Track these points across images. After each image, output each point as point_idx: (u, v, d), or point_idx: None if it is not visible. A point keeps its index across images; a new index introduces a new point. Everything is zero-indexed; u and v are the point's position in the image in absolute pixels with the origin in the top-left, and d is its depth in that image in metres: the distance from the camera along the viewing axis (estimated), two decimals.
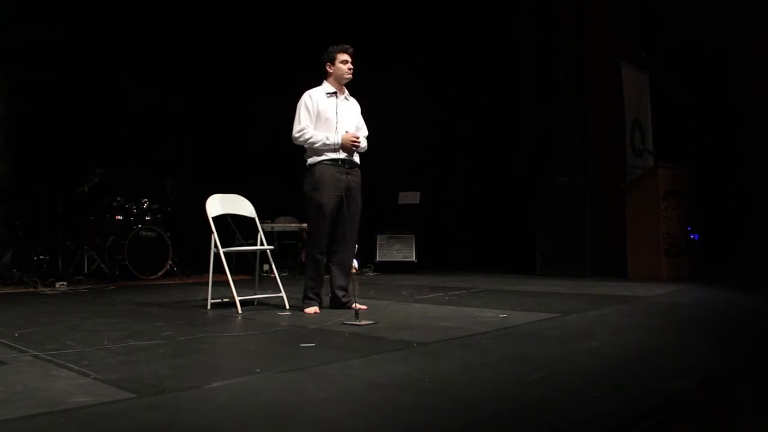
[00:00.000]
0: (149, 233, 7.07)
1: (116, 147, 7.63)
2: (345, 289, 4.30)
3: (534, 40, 8.08)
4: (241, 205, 4.73)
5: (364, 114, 4.53)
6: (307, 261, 4.37)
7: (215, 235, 4.34)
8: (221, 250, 4.33)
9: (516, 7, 8.26)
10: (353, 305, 4.07)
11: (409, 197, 8.32)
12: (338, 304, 4.28)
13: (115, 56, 7.55)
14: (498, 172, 8.27)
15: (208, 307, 4.41)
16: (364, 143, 4.31)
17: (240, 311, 4.18)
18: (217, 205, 4.58)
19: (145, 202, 7.36)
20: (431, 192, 8.53)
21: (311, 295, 4.24)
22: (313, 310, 4.17)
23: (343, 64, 4.27)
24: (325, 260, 4.28)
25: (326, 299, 4.38)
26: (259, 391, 2.19)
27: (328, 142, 4.16)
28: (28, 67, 7.04)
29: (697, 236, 7.16)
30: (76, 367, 2.51)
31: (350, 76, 4.30)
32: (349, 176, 4.21)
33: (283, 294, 4.45)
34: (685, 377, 2.30)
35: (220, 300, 4.59)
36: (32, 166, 7.01)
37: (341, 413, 1.95)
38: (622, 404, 1.99)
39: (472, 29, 8.41)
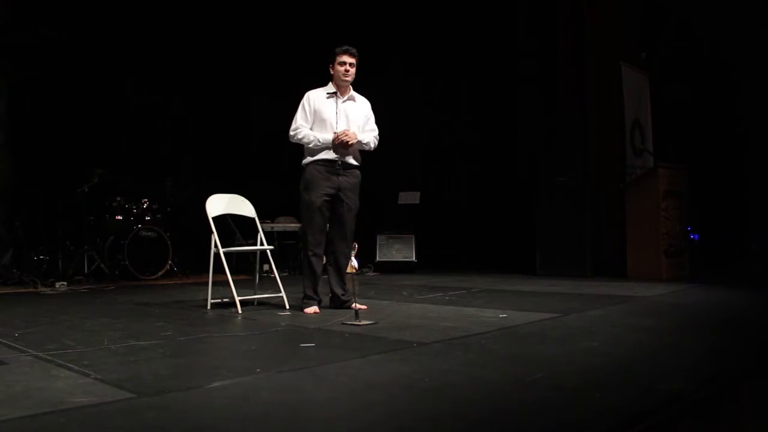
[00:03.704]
0: (149, 233, 7.07)
1: (116, 147, 7.62)
2: (343, 288, 4.31)
3: (534, 40, 8.08)
4: (241, 205, 4.73)
5: None
6: (302, 261, 4.40)
7: (215, 235, 4.34)
8: (221, 250, 4.33)
9: (516, 7, 8.26)
10: (353, 305, 4.07)
11: (409, 197, 8.32)
12: (338, 303, 4.29)
13: (116, 56, 7.55)
14: (498, 172, 8.27)
15: (208, 307, 4.41)
16: (366, 139, 4.30)
17: (240, 311, 4.18)
18: (217, 205, 4.58)
19: (145, 202, 7.35)
20: (431, 192, 8.53)
21: (310, 294, 4.26)
22: (312, 309, 4.18)
23: (341, 66, 4.23)
24: (320, 259, 4.30)
25: (327, 299, 4.39)
26: (259, 391, 2.19)
27: (318, 143, 4.19)
28: (29, 67, 7.03)
29: (697, 236, 7.16)
30: (76, 367, 2.51)
31: (347, 78, 4.25)
32: (341, 177, 4.22)
33: (283, 294, 4.45)
34: (685, 377, 2.30)
35: (220, 300, 4.59)
36: (32, 166, 7.00)
37: (341, 413, 1.95)
38: (621, 404, 1.99)
39: (473, 29, 8.41)
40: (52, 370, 2.50)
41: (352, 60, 4.25)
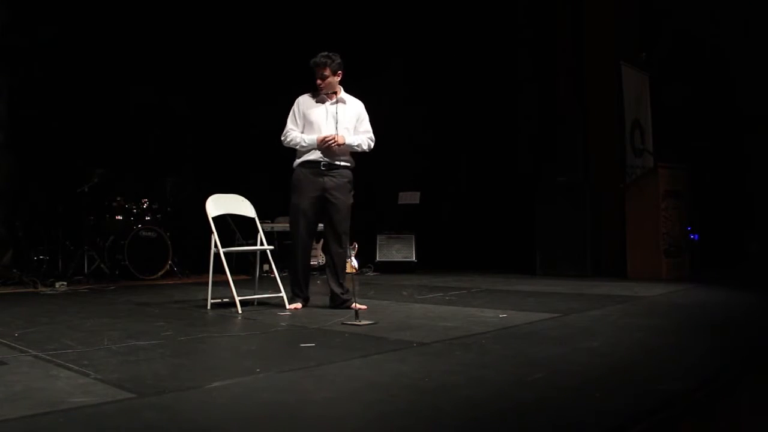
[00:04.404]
0: (149, 233, 7.07)
1: (116, 147, 7.62)
2: (341, 287, 4.34)
3: (534, 40, 8.08)
4: (241, 205, 4.74)
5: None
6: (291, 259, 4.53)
7: (215, 235, 4.35)
8: (221, 250, 4.33)
9: (516, 7, 8.26)
10: (353, 305, 4.08)
11: (409, 197, 8.31)
12: (337, 303, 4.33)
13: (116, 56, 7.54)
14: (498, 172, 8.27)
15: (208, 307, 4.41)
16: (350, 140, 4.34)
17: (240, 311, 4.19)
18: (217, 205, 4.58)
19: (145, 202, 7.35)
20: (431, 192, 8.52)
21: (296, 291, 4.42)
22: (293, 306, 4.32)
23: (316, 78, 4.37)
24: (304, 258, 4.42)
25: (327, 299, 4.43)
26: (259, 391, 2.19)
27: (304, 144, 4.33)
28: (29, 67, 7.03)
29: (697, 236, 7.16)
30: (76, 367, 2.51)
31: (323, 90, 4.35)
32: (326, 178, 4.30)
33: (283, 294, 4.45)
34: (685, 377, 2.30)
35: (220, 300, 4.59)
36: (32, 166, 7.01)
37: (341, 413, 1.95)
38: (622, 404, 1.99)
39: (473, 29, 8.41)
40: (52, 370, 2.50)
41: (321, 71, 4.32)
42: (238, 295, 4.27)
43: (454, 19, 8.46)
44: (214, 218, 4.44)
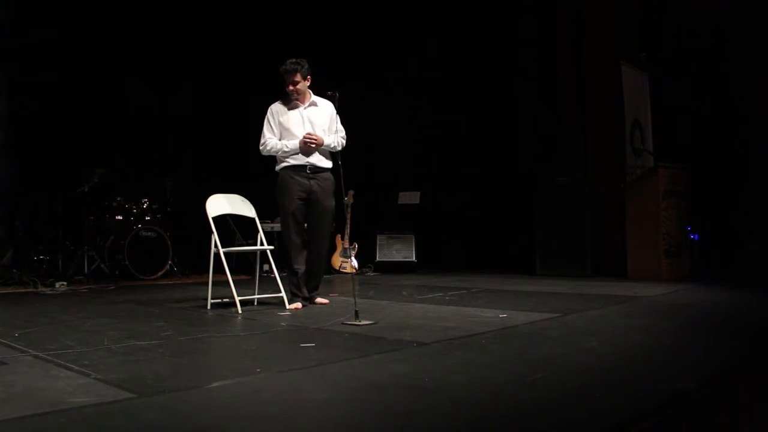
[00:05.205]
0: (149, 233, 7.07)
1: (116, 147, 7.62)
2: (308, 286, 4.49)
3: (534, 40, 8.08)
4: (241, 205, 4.74)
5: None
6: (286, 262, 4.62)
7: (215, 235, 4.35)
8: (221, 250, 4.33)
9: (516, 7, 8.26)
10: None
11: (409, 197, 8.31)
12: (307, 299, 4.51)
13: (116, 56, 7.54)
14: (498, 172, 8.26)
15: (208, 307, 4.41)
16: (328, 141, 4.41)
17: (240, 311, 4.19)
18: (217, 205, 4.59)
19: (145, 202, 7.35)
20: (431, 192, 8.52)
21: (294, 291, 4.48)
22: (294, 305, 4.37)
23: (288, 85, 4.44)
24: (298, 260, 4.48)
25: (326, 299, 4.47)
26: (259, 391, 2.19)
27: (286, 150, 4.40)
28: (29, 67, 7.03)
29: (697, 236, 7.16)
30: (76, 367, 2.51)
31: (295, 96, 4.43)
32: (311, 180, 4.39)
33: (283, 294, 4.46)
34: (685, 377, 2.30)
35: (220, 300, 4.59)
36: (32, 166, 7.00)
37: (341, 413, 1.96)
38: (622, 404, 1.99)
39: (472, 28, 8.40)
40: (52, 370, 2.50)
41: (291, 78, 4.39)
42: (238, 295, 4.27)
43: (455, 19, 8.46)
44: (214, 218, 4.45)
